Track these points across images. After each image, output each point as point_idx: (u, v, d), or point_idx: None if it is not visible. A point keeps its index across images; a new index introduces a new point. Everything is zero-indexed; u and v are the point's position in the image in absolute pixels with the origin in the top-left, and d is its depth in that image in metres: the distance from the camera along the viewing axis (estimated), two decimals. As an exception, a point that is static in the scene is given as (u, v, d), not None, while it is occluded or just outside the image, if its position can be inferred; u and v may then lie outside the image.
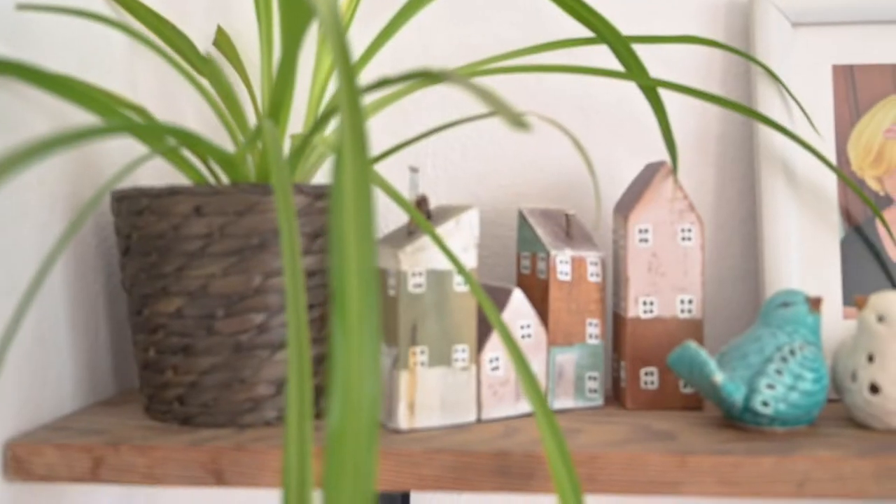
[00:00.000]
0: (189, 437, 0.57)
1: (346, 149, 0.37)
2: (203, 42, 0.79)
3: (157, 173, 0.80)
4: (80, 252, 0.67)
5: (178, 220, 0.58)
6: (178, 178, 0.79)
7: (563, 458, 0.45)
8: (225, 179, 0.76)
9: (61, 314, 0.64)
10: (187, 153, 0.62)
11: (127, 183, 0.76)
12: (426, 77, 0.45)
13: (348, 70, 0.40)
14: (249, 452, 0.54)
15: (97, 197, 0.48)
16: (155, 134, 0.59)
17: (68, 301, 0.65)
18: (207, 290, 0.58)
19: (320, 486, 0.53)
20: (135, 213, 0.59)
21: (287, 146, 0.71)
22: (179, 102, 0.80)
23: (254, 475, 0.54)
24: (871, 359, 0.57)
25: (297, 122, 0.78)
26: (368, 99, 0.77)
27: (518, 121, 0.37)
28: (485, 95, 0.39)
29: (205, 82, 0.78)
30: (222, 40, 0.77)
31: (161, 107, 0.80)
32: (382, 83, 0.46)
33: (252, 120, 0.71)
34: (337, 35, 0.42)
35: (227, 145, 0.79)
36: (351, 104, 0.39)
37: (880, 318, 0.57)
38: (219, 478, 0.55)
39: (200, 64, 0.68)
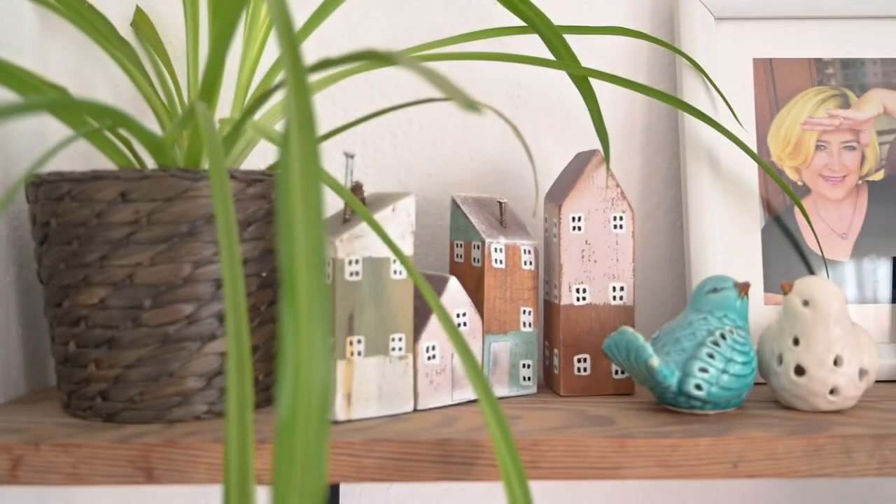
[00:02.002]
0: (115, 433, 0.54)
1: (293, 132, 0.36)
2: (120, 23, 0.76)
3: (70, 159, 0.76)
4: (-9, 242, 0.63)
5: (102, 207, 0.55)
6: (94, 164, 0.76)
7: (507, 444, 0.45)
8: (149, 164, 0.73)
9: (-29, 307, 0.60)
10: (109, 136, 0.59)
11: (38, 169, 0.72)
12: (371, 58, 0.44)
13: (295, 51, 0.39)
14: (181, 448, 0.52)
15: (18, 185, 0.45)
16: (85, 113, 0.56)
17: (-22, 293, 0.61)
18: (133, 279, 0.56)
19: (260, 480, 0.52)
20: (54, 199, 0.56)
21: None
22: (93, 86, 0.76)
23: (186, 471, 0.52)
24: (796, 342, 0.59)
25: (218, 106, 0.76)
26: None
27: (470, 104, 0.36)
28: (435, 79, 0.38)
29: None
30: (141, 21, 0.74)
31: (74, 91, 0.76)
32: (324, 64, 0.45)
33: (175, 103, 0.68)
34: (282, 15, 0.40)
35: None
36: (298, 86, 0.37)
37: (805, 303, 0.59)
38: (149, 475, 0.52)
39: (119, 46, 0.65)
